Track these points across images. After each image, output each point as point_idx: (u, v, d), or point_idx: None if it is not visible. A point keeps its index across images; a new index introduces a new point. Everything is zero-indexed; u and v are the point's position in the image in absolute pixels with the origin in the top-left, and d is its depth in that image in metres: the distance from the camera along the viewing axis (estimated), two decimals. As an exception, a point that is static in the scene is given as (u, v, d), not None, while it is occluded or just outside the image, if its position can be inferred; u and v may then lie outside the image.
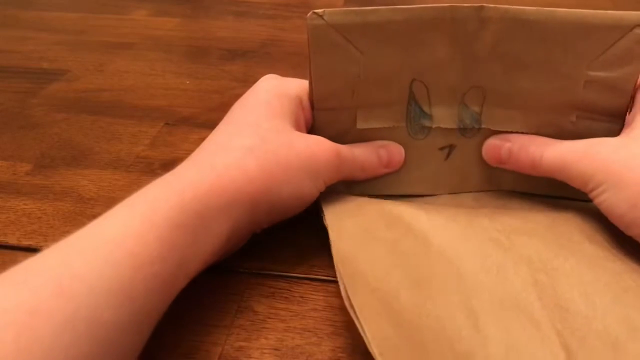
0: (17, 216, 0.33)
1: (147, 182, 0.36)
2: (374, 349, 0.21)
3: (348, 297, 0.24)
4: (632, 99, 0.29)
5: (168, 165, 0.38)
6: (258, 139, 0.27)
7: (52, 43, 0.57)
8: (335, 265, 0.26)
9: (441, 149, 0.32)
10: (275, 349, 0.25)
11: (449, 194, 0.33)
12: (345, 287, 0.24)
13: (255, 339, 0.26)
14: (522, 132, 0.31)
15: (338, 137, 0.31)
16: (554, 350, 0.22)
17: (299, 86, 0.31)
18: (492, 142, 0.32)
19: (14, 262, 0.30)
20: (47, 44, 0.56)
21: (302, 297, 0.28)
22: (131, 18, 0.64)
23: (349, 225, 0.28)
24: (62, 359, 0.18)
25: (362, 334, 0.22)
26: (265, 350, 0.25)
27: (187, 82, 0.49)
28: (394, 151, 0.32)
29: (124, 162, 0.38)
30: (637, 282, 0.25)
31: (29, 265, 0.21)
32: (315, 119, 0.32)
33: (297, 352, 0.25)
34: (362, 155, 0.31)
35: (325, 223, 0.29)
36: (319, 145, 0.29)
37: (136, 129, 0.42)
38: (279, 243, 0.31)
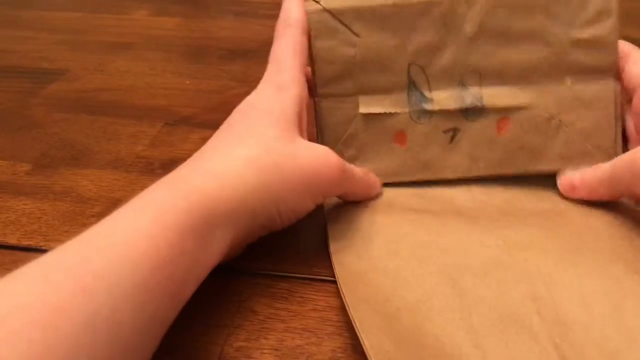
0: (17, 216, 0.33)
1: (146, 182, 0.36)
2: (371, 357, 0.22)
3: (350, 312, 0.24)
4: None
5: (168, 165, 0.38)
6: (262, 149, 0.27)
7: (52, 43, 0.57)
8: (340, 289, 0.26)
9: (445, 132, 0.33)
10: (275, 349, 0.25)
11: (459, 178, 0.33)
12: (347, 304, 0.25)
13: (255, 339, 0.26)
14: (523, 106, 0.32)
15: (341, 125, 0.32)
16: None
17: (294, 80, 0.30)
18: (564, 177, 0.32)
19: (14, 262, 0.30)
20: (47, 44, 0.56)
21: (302, 297, 0.28)
22: (131, 18, 0.64)
23: (352, 260, 0.28)
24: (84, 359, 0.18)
25: (361, 342, 0.23)
26: (265, 351, 0.25)
27: (187, 82, 0.49)
28: (375, 178, 0.33)
29: (124, 162, 0.38)
30: (638, 286, 0.26)
31: (48, 261, 0.20)
32: (319, 108, 0.32)
33: (297, 352, 0.25)
34: (360, 178, 0.31)
35: (330, 251, 0.29)
36: (325, 161, 0.28)
37: (136, 129, 0.42)
38: (279, 243, 0.31)
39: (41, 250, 0.31)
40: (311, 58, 0.32)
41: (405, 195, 0.33)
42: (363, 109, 0.32)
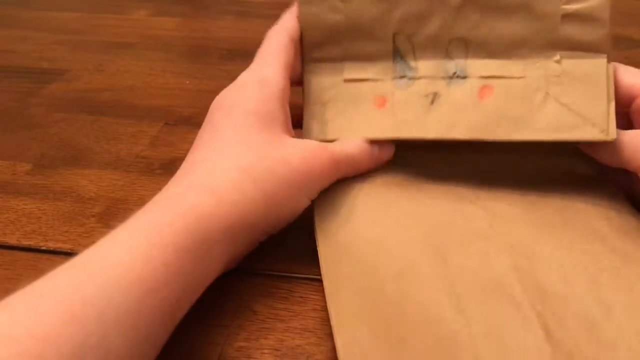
0: (17, 216, 0.33)
1: (146, 182, 0.36)
2: (340, 356, 0.22)
3: (328, 299, 0.25)
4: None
5: (168, 165, 0.38)
6: (255, 157, 0.27)
7: (52, 43, 0.57)
8: (321, 270, 0.27)
9: (425, 95, 0.32)
10: (275, 349, 0.25)
11: (439, 138, 0.31)
12: (326, 288, 0.25)
13: (255, 339, 0.26)
14: (508, 76, 0.31)
15: (325, 90, 0.33)
16: (533, 329, 0.23)
17: (279, 78, 0.30)
18: None
19: (13, 262, 0.30)
20: (47, 44, 0.56)
21: (302, 297, 0.28)
22: (131, 18, 0.64)
23: (336, 231, 0.29)
24: None
25: (335, 340, 0.23)
26: (265, 351, 0.25)
27: (187, 82, 0.49)
28: (386, 148, 0.32)
29: (124, 162, 0.38)
30: (614, 262, 0.26)
31: (37, 289, 0.20)
32: (306, 72, 0.33)
33: (297, 352, 0.25)
34: (358, 154, 0.31)
35: (315, 227, 0.29)
36: (315, 157, 0.28)
37: (136, 129, 0.42)
38: (278, 243, 0.30)
39: (41, 251, 0.31)
40: (299, 24, 0.32)
41: (389, 169, 0.33)
42: (347, 76, 0.33)
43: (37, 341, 0.18)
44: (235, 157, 0.27)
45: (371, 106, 0.32)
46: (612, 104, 0.29)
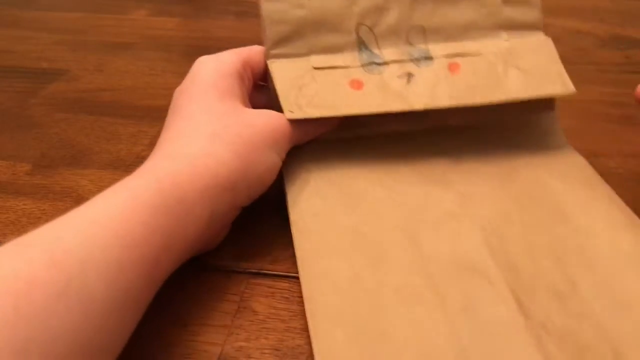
0: (17, 216, 0.33)
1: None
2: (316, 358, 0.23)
3: (305, 302, 0.25)
4: None
5: (168, 165, 0.38)
6: (219, 124, 0.28)
7: (52, 43, 0.57)
8: (298, 268, 0.27)
9: (399, 76, 0.34)
10: (276, 349, 0.25)
11: (426, 107, 0.32)
12: (304, 296, 0.26)
13: (255, 339, 0.26)
14: (468, 54, 0.34)
15: (295, 79, 0.33)
16: (507, 303, 0.25)
17: (235, 59, 0.32)
18: None
19: (13, 262, 0.30)
20: (47, 44, 0.56)
21: (302, 297, 0.28)
22: (131, 18, 0.64)
23: (311, 223, 0.29)
24: (56, 329, 0.19)
25: (312, 343, 0.23)
26: (265, 351, 0.25)
27: (187, 82, 0.49)
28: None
29: (124, 162, 0.38)
30: (578, 240, 0.28)
31: (21, 240, 0.21)
32: (272, 70, 0.33)
33: (297, 352, 0.25)
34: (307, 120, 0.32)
35: (290, 218, 0.30)
36: (275, 121, 0.30)
37: (136, 129, 0.42)
38: (279, 243, 0.31)
39: (41, 250, 0.31)
40: (261, 21, 0.34)
41: (359, 156, 0.33)
42: (316, 64, 0.33)
43: (23, 282, 0.19)
44: (202, 126, 0.28)
45: (348, 89, 0.33)
46: (562, 66, 0.33)
